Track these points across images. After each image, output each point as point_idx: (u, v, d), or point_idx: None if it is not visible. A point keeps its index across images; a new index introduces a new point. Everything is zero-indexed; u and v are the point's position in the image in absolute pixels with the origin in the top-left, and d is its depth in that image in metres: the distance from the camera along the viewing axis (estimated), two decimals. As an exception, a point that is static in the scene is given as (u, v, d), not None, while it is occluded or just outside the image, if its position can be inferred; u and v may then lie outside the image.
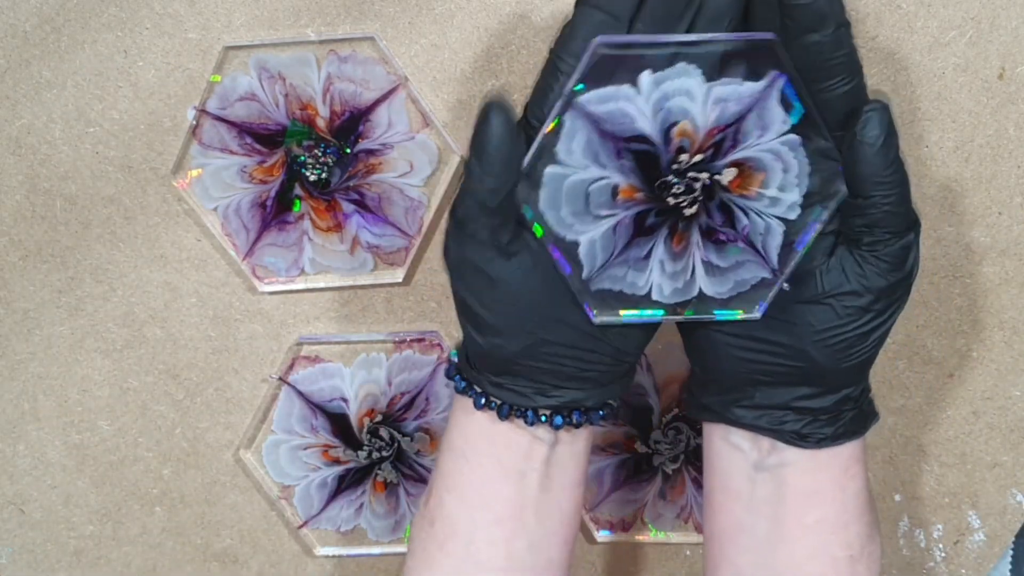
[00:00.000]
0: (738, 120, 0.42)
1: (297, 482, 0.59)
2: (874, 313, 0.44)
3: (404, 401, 0.58)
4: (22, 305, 0.57)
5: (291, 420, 0.58)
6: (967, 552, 0.60)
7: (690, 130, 0.42)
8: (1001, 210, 0.55)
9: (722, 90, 0.42)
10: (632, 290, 0.45)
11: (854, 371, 0.46)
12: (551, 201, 0.43)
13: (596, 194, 0.43)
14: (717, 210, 0.44)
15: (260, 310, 0.57)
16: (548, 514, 0.47)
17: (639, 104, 0.42)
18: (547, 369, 0.45)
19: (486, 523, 0.46)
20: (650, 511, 0.60)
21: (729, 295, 0.45)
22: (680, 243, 0.44)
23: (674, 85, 0.41)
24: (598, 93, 0.41)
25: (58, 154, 0.54)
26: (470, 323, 0.45)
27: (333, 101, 0.53)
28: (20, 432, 0.59)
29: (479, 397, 0.46)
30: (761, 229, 0.44)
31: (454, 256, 0.44)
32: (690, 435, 0.58)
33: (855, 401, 0.46)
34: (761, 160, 0.43)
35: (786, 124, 0.43)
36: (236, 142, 0.54)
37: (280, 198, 0.55)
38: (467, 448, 0.47)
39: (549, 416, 0.45)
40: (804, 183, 0.43)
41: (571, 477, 0.47)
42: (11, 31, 0.52)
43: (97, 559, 0.61)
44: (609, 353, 0.45)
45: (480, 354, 0.46)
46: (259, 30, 0.52)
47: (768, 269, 0.45)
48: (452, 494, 0.47)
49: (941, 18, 0.52)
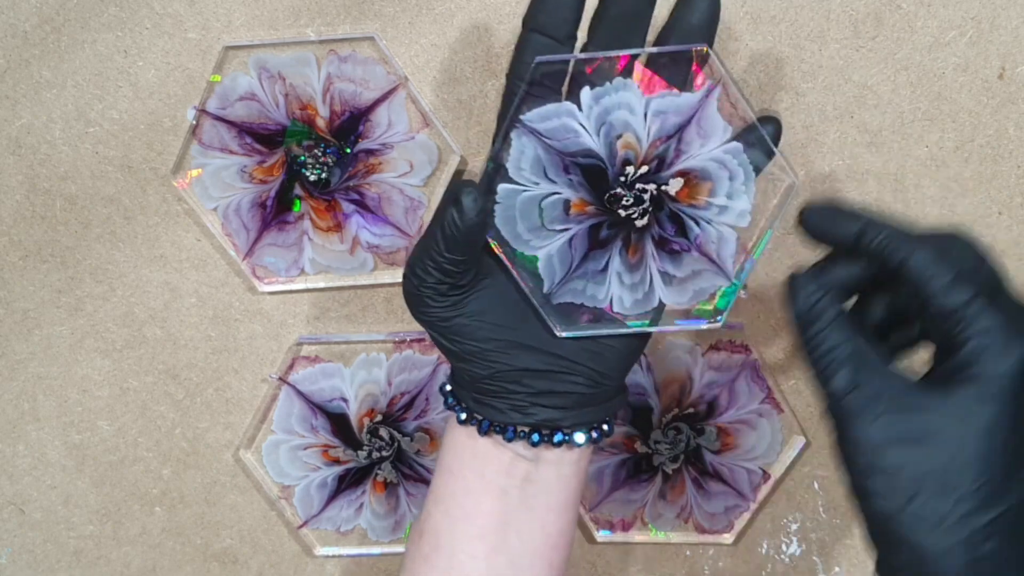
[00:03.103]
0: (679, 131, 0.43)
1: (297, 482, 0.59)
2: None
3: (404, 401, 0.58)
4: (22, 305, 0.57)
5: (291, 420, 0.58)
6: (967, 552, 0.60)
7: (633, 142, 0.43)
8: (1001, 210, 0.55)
9: (660, 102, 0.43)
10: (593, 303, 0.45)
11: None
12: (506, 218, 0.44)
13: (549, 209, 0.44)
14: (668, 220, 0.45)
15: (260, 310, 0.57)
16: (531, 534, 0.47)
17: (581, 119, 0.43)
18: (519, 390, 0.45)
19: (468, 536, 0.47)
20: (650, 511, 0.60)
21: (689, 304, 0.46)
22: (635, 254, 0.45)
23: (614, 99, 0.42)
24: (540, 111, 0.42)
25: (58, 154, 0.54)
26: (440, 349, 0.47)
27: (333, 101, 0.53)
28: (20, 432, 0.59)
29: (461, 412, 0.47)
30: (714, 238, 0.45)
31: (411, 300, 0.45)
32: (690, 435, 0.58)
33: None
34: (706, 169, 0.44)
35: (727, 133, 0.43)
36: (236, 142, 0.54)
37: (280, 198, 0.55)
38: (454, 462, 0.48)
39: (527, 433, 0.46)
40: (752, 189, 0.44)
41: (557, 499, 0.47)
42: (11, 31, 0.52)
43: (97, 559, 0.61)
44: (584, 374, 0.46)
45: (460, 376, 0.47)
46: (259, 30, 0.52)
47: (725, 278, 0.45)
48: (438, 507, 0.48)
49: (941, 18, 0.52)
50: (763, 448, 0.58)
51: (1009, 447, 0.39)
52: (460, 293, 0.44)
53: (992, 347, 0.39)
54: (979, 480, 0.39)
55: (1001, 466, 0.39)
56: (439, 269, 0.43)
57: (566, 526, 0.48)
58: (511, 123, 0.43)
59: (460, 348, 0.45)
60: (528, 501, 0.47)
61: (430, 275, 0.44)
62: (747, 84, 0.53)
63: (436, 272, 0.43)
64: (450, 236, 0.42)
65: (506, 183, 0.43)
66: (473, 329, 0.45)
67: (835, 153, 0.54)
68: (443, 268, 0.43)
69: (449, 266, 0.43)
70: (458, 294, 0.44)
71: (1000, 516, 0.39)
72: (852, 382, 0.41)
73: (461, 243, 0.42)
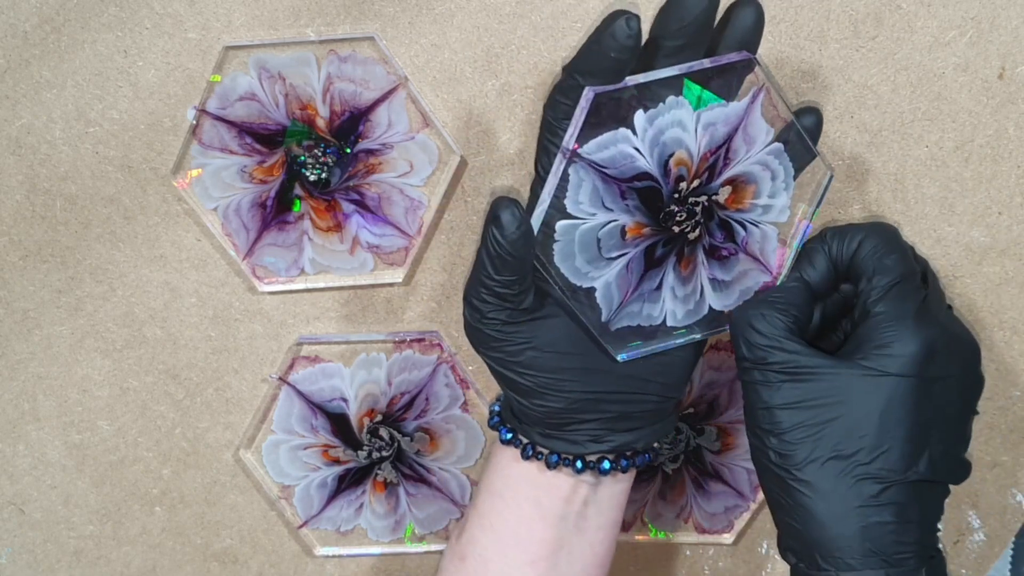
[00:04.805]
0: (727, 140, 0.43)
1: (297, 482, 0.59)
2: None
3: (404, 401, 0.58)
4: (22, 305, 0.57)
5: (291, 420, 0.58)
6: (967, 552, 0.60)
7: (686, 158, 0.43)
8: (1001, 210, 0.55)
9: (710, 114, 0.43)
10: (648, 322, 0.45)
11: None
12: (564, 254, 0.43)
13: (606, 237, 0.44)
14: (717, 228, 0.45)
15: (260, 310, 0.57)
16: (581, 555, 0.47)
17: (637, 143, 0.42)
18: (595, 417, 0.45)
19: (520, 563, 0.46)
20: (650, 511, 0.60)
21: (735, 305, 0.46)
22: (688, 267, 0.45)
23: (667, 119, 0.42)
24: (597, 141, 0.42)
25: (58, 154, 0.54)
26: (509, 388, 0.46)
27: (333, 101, 0.53)
28: (20, 432, 0.59)
29: (527, 448, 0.46)
30: (758, 237, 0.45)
31: (475, 336, 0.45)
32: (690, 435, 0.58)
33: None
34: (751, 173, 0.44)
35: (770, 135, 0.44)
36: (236, 142, 0.54)
37: (280, 198, 0.55)
38: (506, 490, 0.47)
39: (596, 462, 0.45)
40: (791, 185, 0.44)
41: (607, 518, 0.47)
42: (11, 31, 0.52)
43: (97, 559, 0.61)
44: (656, 391, 0.45)
45: (525, 411, 0.46)
46: (259, 30, 0.52)
47: (769, 273, 0.46)
48: (487, 533, 0.47)
49: (941, 18, 0.52)
50: (763, 448, 0.58)
51: (907, 428, 0.41)
52: (524, 320, 0.44)
53: (903, 330, 0.42)
54: (875, 452, 0.41)
55: (900, 444, 0.41)
56: (493, 294, 0.42)
57: (612, 544, 0.48)
58: (569, 160, 0.42)
59: (535, 382, 0.44)
60: (582, 524, 0.47)
61: (486, 303, 0.43)
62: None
63: (491, 299, 0.43)
64: (495, 256, 0.41)
65: (563, 218, 0.43)
66: (546, 360, 0.44)
67: (835, 153, 0.54)
68: (496, 292, 0.42)
69: (502, 289, 0.42)
70: (521, 322, 0.44)
71: (894, 490, 0.40)
72: (763, 350, 0.43)
73: (509, 262, 0.42)
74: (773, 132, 0.44)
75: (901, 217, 0.55)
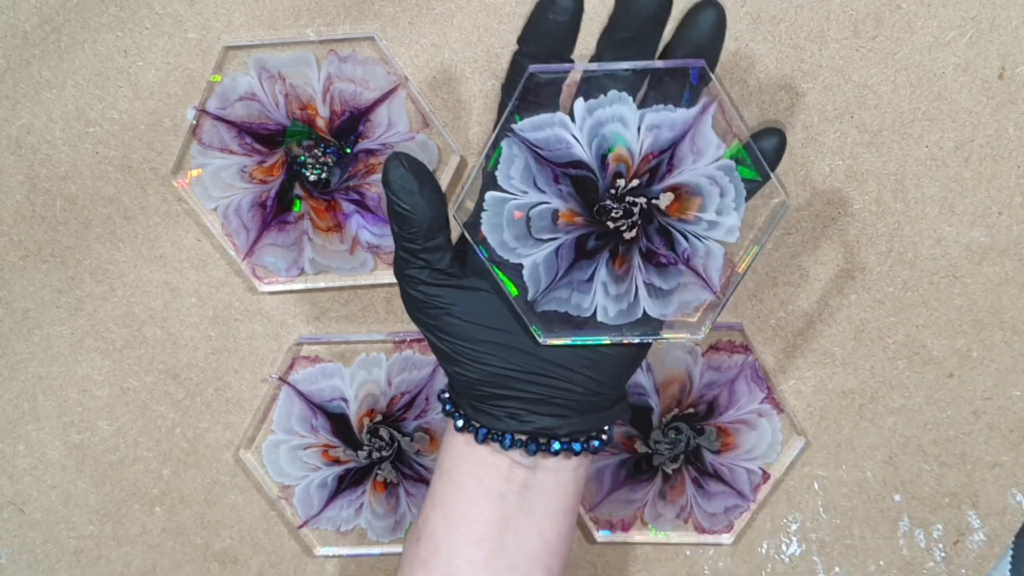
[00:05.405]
0: (672, 146, 0.43)
1: (297, 482, 0.59)
2: None
3: (404, 401, 0.58)
4: (22, 305, 0.57)
5: (291, 420, 0.58)
6: (967, 552, 0.60)
7: (625, 156, 0.43)
8: (1001, 210, 0.55)
9: (655, 117, 0.43)
10: (577, 312, 0.45)
11: None
12: (493, 225, 0.44)
13: (537, 218, 0.44)
14: (656, 233, 0.45)
15: (260, 310, 0.57)
16: (528, 540, 0.47)
17: (574, 131, 0.42)
18: (515, 396, 0.45)
19: (466, 541, 0.47)
20: (650, 511, 0.60)
21: (673, 317, 0.46)
22: (622, 266, 0.45)
23: (607, 112, 0.42)
24: (532, 120, 0.42)
25: (58, 154, 0.54)
26: (435, 353, 0.47)
27: (333, 101, 0.53)
28: (20, 432, 0.59)
29: (459, 419, 0.47)
30: (702, 252, 0.45)
31: (403, 296, 0.46)
32: (690, 435, 0.58)
33: None
34: (697, 185, 0.44)
35: (720, 149, 0.43)
36: (236, 142, 0.54)
37: (280, 198, 0.55)
38: (452, 467, 0.48)
39: (524, 442, 0.46)
40: (742, 207, 0.44)
41: (555, 505, 0.47)
42: (11, 31, 0.52)
43: (97, 559, 0.61)
44: (581, 383, 0.45)
45: (452, 380, 0.47)
46: (259, 30, 0.52)
47: (710, 291, 0.45)
48: (436, 511, 0.48)
49: (941, 18, 0.52)
50: (763, 448, 0.58)
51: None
52: (444, 284, 0.45)
53: None
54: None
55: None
56: (404, 251, 0.44)
57: (565, 531, 0.48)
58: (501, 132, 0.42)
59: (451, 348, 0.45)
60: (526, 507, 0.47)
61: (404, 260, 0.45)
62: (747, 84, 0.53)
63: (405, 255, 0.45)
64: (393, 213, 0.44)
65: (494, 191, 0.43)
66: (463, 328, 0.45)
67: (835, 153, 0.54)
68: (405, 248, 0.44)
69: (409, 244, 0.44)
70: (442, 285, 0.45)
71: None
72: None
73: (406, 216, 0.43)
74: (724, 147, 0.43)
75: (901, 217, 0.55)
